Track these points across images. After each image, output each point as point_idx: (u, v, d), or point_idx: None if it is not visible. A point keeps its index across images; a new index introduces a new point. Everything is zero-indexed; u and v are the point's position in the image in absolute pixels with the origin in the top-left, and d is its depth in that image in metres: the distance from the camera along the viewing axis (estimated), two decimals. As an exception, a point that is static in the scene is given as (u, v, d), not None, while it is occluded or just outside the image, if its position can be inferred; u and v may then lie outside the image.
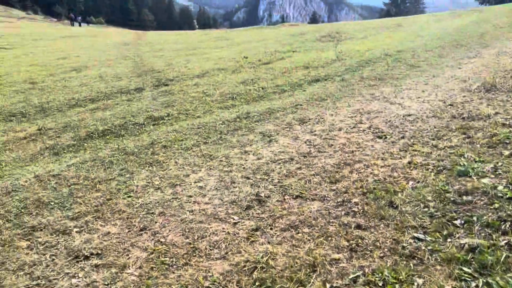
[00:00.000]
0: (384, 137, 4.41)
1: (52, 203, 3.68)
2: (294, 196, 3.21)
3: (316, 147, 4.31)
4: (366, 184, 3.25)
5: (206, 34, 29.60)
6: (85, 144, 6.18)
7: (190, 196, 3.43)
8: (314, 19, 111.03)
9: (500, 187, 3.00)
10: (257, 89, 8.84)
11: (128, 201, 3.52)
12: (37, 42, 28.73)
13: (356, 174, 3.50)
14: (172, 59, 15.80)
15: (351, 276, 2.34)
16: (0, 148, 6.59)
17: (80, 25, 53.37)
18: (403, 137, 4.32)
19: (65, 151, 5.99)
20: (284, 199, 3.18)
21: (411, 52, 11.00)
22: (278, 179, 3.55)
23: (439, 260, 2.35)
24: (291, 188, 3.33)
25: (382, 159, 3.77)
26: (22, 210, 3.61)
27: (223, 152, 4.51)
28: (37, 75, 13.90)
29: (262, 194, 3.28)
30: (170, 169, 4.18)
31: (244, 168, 3.89)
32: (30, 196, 3.90)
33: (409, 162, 3.59)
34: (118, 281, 2.56)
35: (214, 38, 24.38)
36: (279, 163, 3.93)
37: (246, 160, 4.12)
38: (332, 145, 4.32)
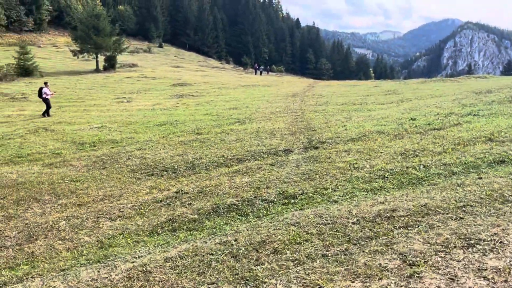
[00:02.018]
0: None
1: (115, 325, 3.01)
2: None
3: (484, 310, 2.68)
4: None
5: (376, 86, 28.09)
6: (205, 222, 5.60)
7: None
8: (508, 69, 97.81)
9: None
10: (417, 166, 7.17)
11: None
12: (220, 90, 31.55)
13: None
14: (332, 116, 14.94)
15: None
16: (136, 210, 6.54)
17: (261, 74, 57.74)
18: None
19: (182, 228, 5.51)
20: None
21: None
22: None
23: None
24: None
25: None
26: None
27: (338, 284, 3.24)
28: (205, 125, 14.66)
29: None
30: (263, 300, 3.12)
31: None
32: (104, 303, 3.32)
33: None
34: None
35: (383, 92, 22.77)
36: (414, 335, 2.48)
37: (365, 314, 2.77)
38: (512, 311, 2.64)
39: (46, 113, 20.32)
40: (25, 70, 37.11)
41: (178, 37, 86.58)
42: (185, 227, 5.51)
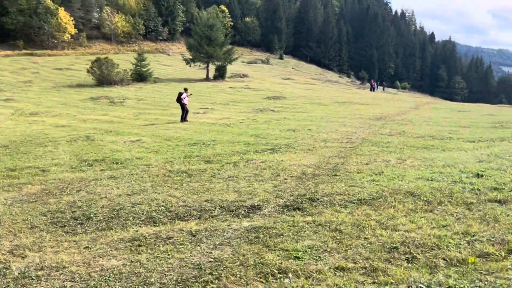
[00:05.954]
0: None
1: None
2: None
3: None
4: None
5: (490, 114, 22.00)
6: None
7: None
8: None
9: None
10: None
11: None
12: (309, 106, 28.61)
13: None
14: (388, 154, 11.13)
15: None
16: None
17: (374, 90, 52.52)
18: None
19: None
20: None
21: None
22: None
23: None
24: None
25: None
26: None
27: None
28: (231, 151, 12.19)
29: None
30: None
31: None
32: None
33: None
34: None
35: (491, 123, 17.33)
36: None
37: None
38: None
39: (183, 118, 20.25)
40: (140, 76, 39.24)
41: (300, 49, 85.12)
42: None
